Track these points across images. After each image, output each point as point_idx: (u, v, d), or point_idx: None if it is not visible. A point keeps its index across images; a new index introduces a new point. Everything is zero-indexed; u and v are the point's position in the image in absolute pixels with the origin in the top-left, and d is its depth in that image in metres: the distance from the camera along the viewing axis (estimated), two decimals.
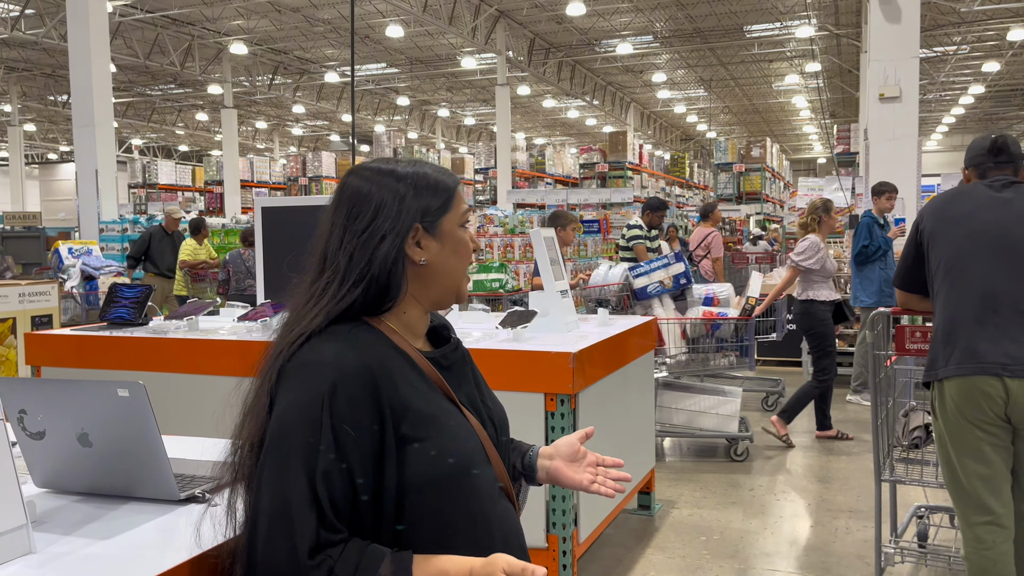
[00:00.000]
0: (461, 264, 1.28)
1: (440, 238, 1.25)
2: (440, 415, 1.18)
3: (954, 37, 19.98)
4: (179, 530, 1.23)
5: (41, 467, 1.35)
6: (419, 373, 1.20)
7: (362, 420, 1.11)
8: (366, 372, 1.13)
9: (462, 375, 1.29)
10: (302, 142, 37.04)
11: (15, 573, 1.07)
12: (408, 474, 1.13)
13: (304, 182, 22.16)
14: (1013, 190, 2.54)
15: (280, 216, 3.87)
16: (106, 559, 1.12)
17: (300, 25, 19.50)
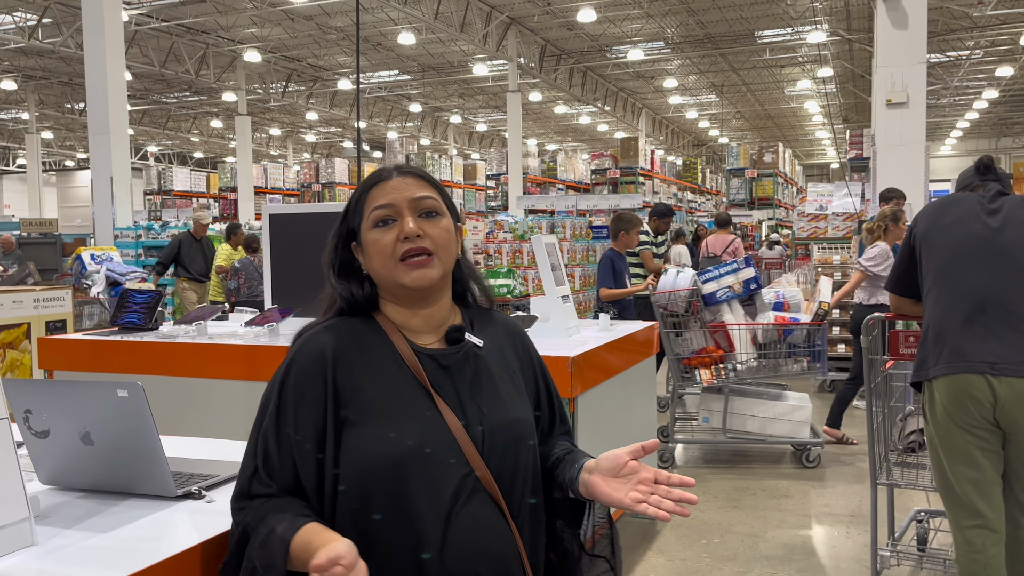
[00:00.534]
0: (382, 264, 1.29)
1: (364, 245, 1.32)
2: (395, 403, 1.25)
3: (967, 42, 19.91)
4: (175, 525, 1.28)
5: (46, 465, 1.41)
6: (398, 363, 1.28)
7: (306, 393, 1.24)
8: (320, 354, 1.26)
9: (460, 376, 1.31)
10: (315, 149, 37.30)
11: (17, 564, 1.13)
12: (344, 451, 1.22)
13: (317, 188, 22.29)
14: (1002, 200, 2.60)
15: (288, 223, 3.94)
16: (104, 551, 1.18)
17: (313, 33, 19.69)
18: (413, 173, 1.35)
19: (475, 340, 1.35)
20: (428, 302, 1.33)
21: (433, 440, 1.24)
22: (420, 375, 1.27)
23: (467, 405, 1.29)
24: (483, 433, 1.27)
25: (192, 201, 25.24)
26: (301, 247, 3.83)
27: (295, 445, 1.23)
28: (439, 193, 1.36)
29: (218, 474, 1.49)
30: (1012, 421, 2.43)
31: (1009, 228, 2.53)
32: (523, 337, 1.45)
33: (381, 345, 1.30)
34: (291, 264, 3.86)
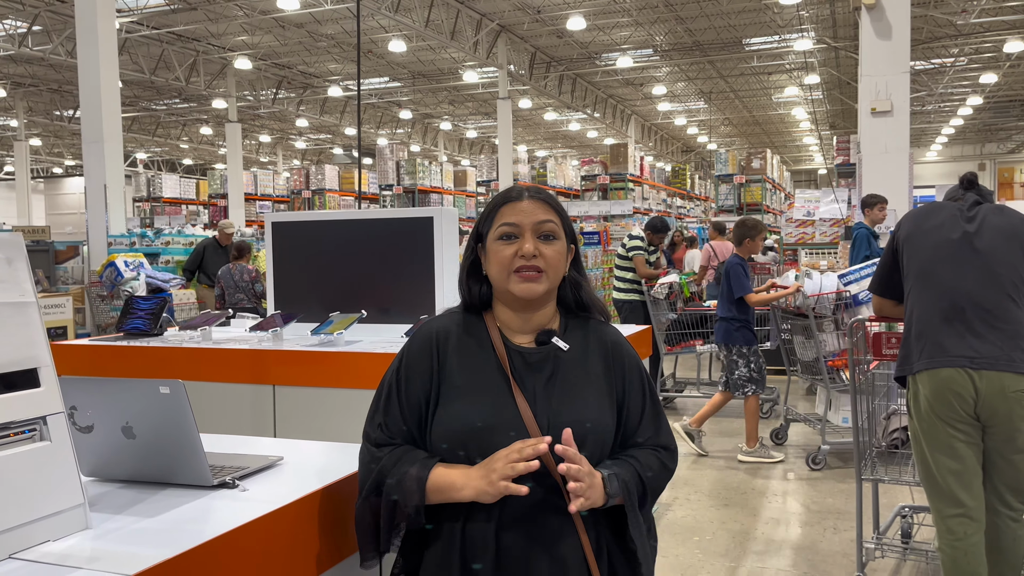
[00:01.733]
0: (498, 272, 1.50)
1: (488, 252, 1.53)
2: (478, 387, 1.47)
3: (951, 49, 20.20)
4: (215, 510, 1.39)
5: (88, 457, 1.51)
6: (489, 355, 1.50)
7: (418, 365, 1.51)
8: (430, 336, 1.53)
9: (540, 372, 1.48)
10: (305, 155, 37.34)
11: (75, 545, 1.23)
12: (435, 420, 1.47)
13: (308, 195, 22.33)
14: (978, 208, 2.76)
15: (290, 230, 4.03)
16: (154, 532, 1.28)
17: (304, 40, 19.78)
18: (540, 198, 1.53)
19: (561, 344, 1.51)
20: (530, 309, 1.52)
21: (505, 421, 1.43)
22: (505, 366, 1.47)
23: (539, 398, 1.46)
24: (548, 424, 1.43)
25: (182, 208, 25.25)
26: (303, 254, 3.94)
27: (407, 406, 1.49)
28: (559, 218, 1.53)
29: (247, 466, 1.59)
30: (992, 414, 2.57)
31: (984, 233, 2.68)
32: (619, 347, 1.57)
33: (482, 338, 1.52)
34: (293, 270, 3.96)
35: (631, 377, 1.55)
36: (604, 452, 1.49)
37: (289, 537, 1.40)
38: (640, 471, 1.48)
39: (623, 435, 1.53)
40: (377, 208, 18.91)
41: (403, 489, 1.41)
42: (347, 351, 3.39)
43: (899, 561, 3.61)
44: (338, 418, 3.31)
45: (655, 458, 1.52)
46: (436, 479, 1.42)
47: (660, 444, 1.55)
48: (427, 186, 20.23)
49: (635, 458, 1.50)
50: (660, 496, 1.57)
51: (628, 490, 1.44)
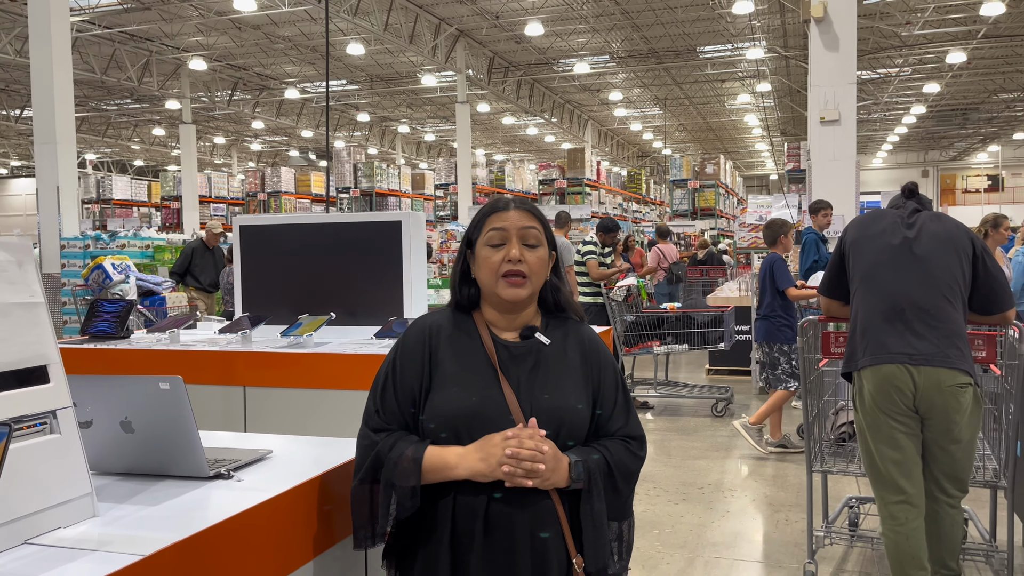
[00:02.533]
0: (487, 277, 1.64)
1: (477, 258, 1.68)
2: (468, 375, 1.61)
3: (896, 59, 20.87)
4: (214, 498, 1.47)
5: (87, 451, 1.57)
6: (478, 347, 1.65)
7: (412, 354, 1.65)
8: (424, 328, 1.68)
9: (524, 363, 1.63)
10: (260, 157, 36.94)
11: (85, 531, 1.30)
12: (427, 405, 1.61)
13: (263, 198, 22.12)
14: (917, 216, 2.96)
15: (259, 233, 4.07)
16: (158, 519, 1.36)
17: (260, 42, 19.63)
18: (525, 208, 1.69)
19: (543, 339, 1.67)
20: (515, 310, 1.67)
21: (492, 406, 1.58)
22: (492, 357, 1.63)
23: (523, 386, 1.61)
24: (531, 409, 1.59)
25: (133, 210, 24.80)
26: (272, 257, 3.99)
27: (401, 392, 1.62)
28: (542, 226, 1.68)
29: (240, 459, 1.67)
30: (929, 407, 2.76)
31: (923, 239, 2.88)
32: (596, 345, 1.72)
33: (471, 333, 1.67)
34: (262, 273, 4.00)
35: (605, 372, 1.70)
36: (579, 438, 1.62)
37: (285, 522, 1.49)
38: (609, 459, 1.61)
39: (596, 424, 1.66)
40: (335, 211, 18.82)
41: (399, 471, 1.54)
42: (316, 352, 3.45)
43: (847, 548, 3.81)
44: (309, 418, 3.38)
45: (624, 447, 1.66)
46: (431, 459, 1.55)
47: (629, 434, 1.68)
48: (385, 189, 20.22)
49: (605, 447, 1.63)
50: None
51: (591, 477, 1.58)
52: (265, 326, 3.87)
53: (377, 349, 3.35)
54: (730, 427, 6.56)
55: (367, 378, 3.43)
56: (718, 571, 3.70)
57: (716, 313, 6.98)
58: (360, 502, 1.57)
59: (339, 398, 3.35)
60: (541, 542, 1.55)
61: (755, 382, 8.02)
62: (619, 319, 7.10)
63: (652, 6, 16.97)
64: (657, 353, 7.01)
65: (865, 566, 3.67)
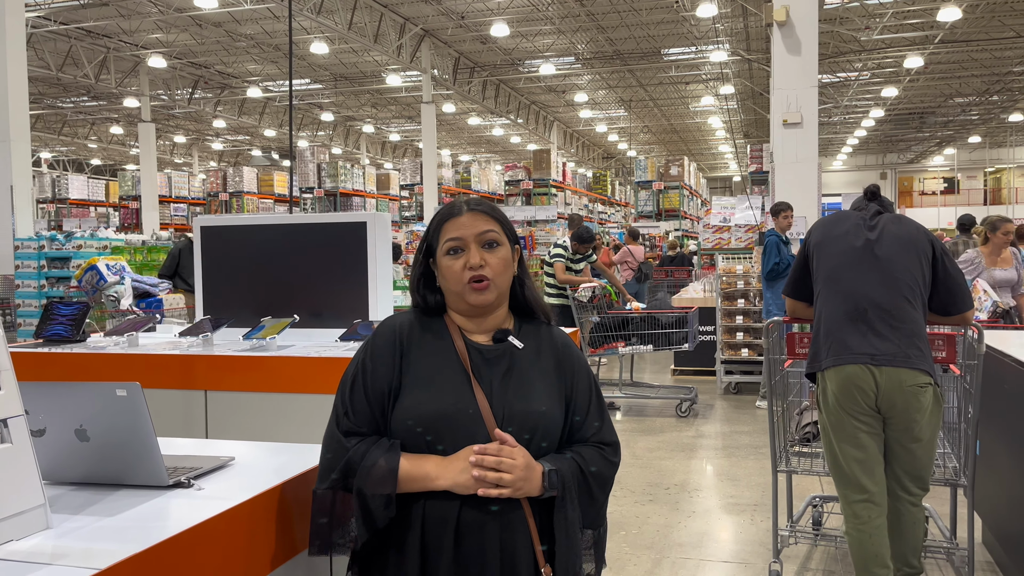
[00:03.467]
0: (452, 286, 1.61)
1: (439, 267, 1.64)
2: (440, 377, 1.58)
3: (856, 64, 21.24)
4: (174, 508, 1.42)
5: (40, 461, 1.52)
6: (449, 349, 1.61)
7: (383, 355, 1.61)
8: (394, 328, 1.64)
9: (497, 367, 1.60)
10: (222, 157, 36.43)
11: (38, 544, 1.25)
12: (396, 407, 1.57)
13: (225, 198, 21.81)
14: (879, 218, 3.00)
15: (220, 234, 4.00)
16: (116, 530, 1.31)
17: (222, 40, 19.35)
18: (480, 209, 1.64)
19: (516, 342, 1.64)
20: (484, 314, 1.64)
21: (464, 410, 1.54)
22: (465, 360, 1.60)
23: (496, 390, 1.58)
24: (504, 411, 1.56)
25: (90, 210, 24.29)
26: (233, 258, 3.92)
27: (371, 393, 1.57)
28: (500, 225, 1.65)
29: (200, 467, 1.63)
30: (891, 406, 2.80)
31: (884, 241, 2.92)
32: (569, 349, 1.69)
33: (442, 335, 1.64)
34: (223, 275, 3.93)
35: (579, 377, 1.67)
36: (552, 443, 1.60)
37: (248, 532, 1.46)
38: (583, 466, 1.59)
39: (570, 429, 1.64)
40: (299, 211, 18.63)
41: (373, 479, 1.49)
42: (280, 356, 3.40)
43: (811, 547, 3.85)
44: (272, 422, 3.32)
45: (598, 453, 1.63)
46: (408, 469, 1.51)
47: (603, 440, 1.66)
48: (349, 189, 20.06)
49: (579, 454, 1.61)
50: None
51: (565, 486, 1.55)
52: (227, 329, 3.79)
53: (342, 352, 3.30)
54: (695, 428, 6.61)
55: (331, 382, 3.37)
56: (685, 571, 3.71)
57: (680, 314, 7.03)
58: (321, 508, 1.52)
59: (303, 402, 3.29)
60: (511, 552, 1.53)
61: (719, 383, 8.10)
62: (584, 320, 7.12)
63: (617, 8, 17.06)
64: (622, 354, 7.04)
65: (829, 564, 3.71)
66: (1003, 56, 20.70)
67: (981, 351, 3.02)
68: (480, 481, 1.48)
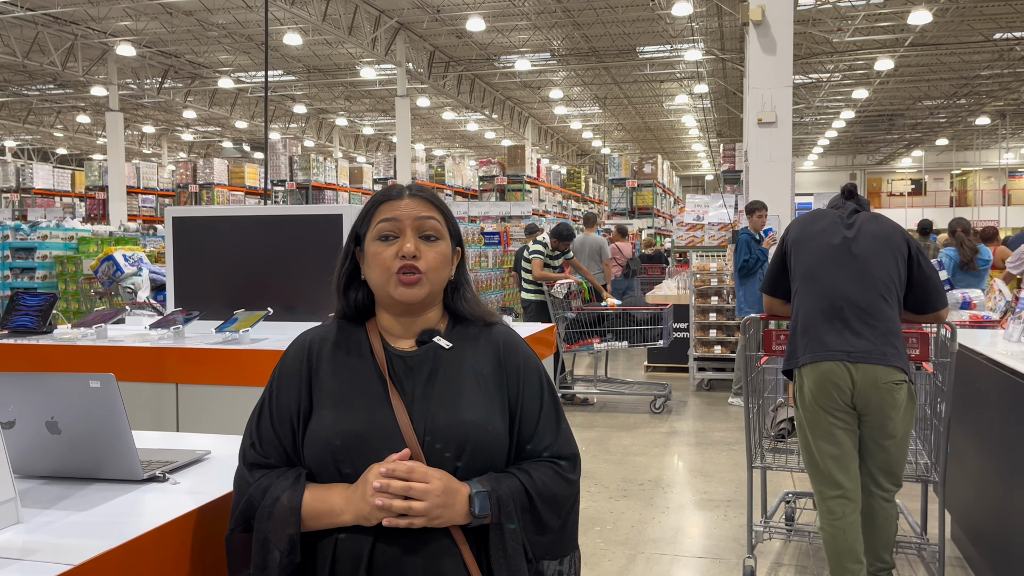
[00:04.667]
0: (378, 276, 1.40)
1: (366, 255, 1.43)
2: (351, 393, 1.37)
3: (827, 65, 21.47)
4: (148, 503, 1.39)
5: (9, 453, 1.47)
6: (368, 360, 1.42)
7: (289, 375, 1.43)
8: (304, 345, 1.45)
9: (420, 374, 1.39)
10: (192, 148, 35.95)
11: (8, 539, 1.21)
12: (307, 432, 1.38)
13: (195, 189, 21.51)
14: (856, 216, 3.02)
15: (192, 226, 3.94)
16: (88, 525, 1.27)
17: (193, 29, 19.06)
18: (422, 196, 1.43)
19: (442, 343, 1.42)
20: (413, 314, 1.43)
21: (378, 429, 1.33)
22: (384, 371, 1.38)
23: (417, 401, 1.36)
24: (425, 428, 1.33)
25: (55, 200, 23.84)
26: (205, 250, 3.86)
27: (278, 419, 1.40)
28: (443, 217, 1.43)
29: (176, 460, 1.59)
30: (866, 403, 2.83)
31: (861, 240, 2.94)
32: (513, 347, 1.46)
33: (360, 344, 1.43)
34: (195, 267, 3.87)
35: (527, 379, 1.43)
36: (493, 460, 1.36)
37: (223, 528, 1.42)
38: (529, 485, 1.35)
39: (518, 443, 1.40)
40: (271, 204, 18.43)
41: (275, 520, 1.29)
42: (253, 349, 3.36)
43: (784, 542, 3.88)
44: (245, 416, 3.26)
45: (552, 470, 1.39)
46: (312, 504, 1.31)
47: (559, 454, 1.41)
48: (321, 182, 19.89)
49: (526, 472, 1.37)
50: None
51: (501, 510, 1.30)
52: (199, 321, 3.73)
53: None
54: (668, 424, 6.64)
55: None
56: (659, 567, 3.72)
57: (655, 311, 7.06)
58: (233, 554, 1.33)
59: None
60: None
61: (692, 379, 8.14)
62: (559, 316, 7.12)
63: (593, 5, 17.07)
64: (597, 350, 7.05)
65: (801, 559, 3.74)
66: (971, 60, 21.05)
67: (954, 349, 3.05)
68: (384, 511, 1.25)
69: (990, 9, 16.89)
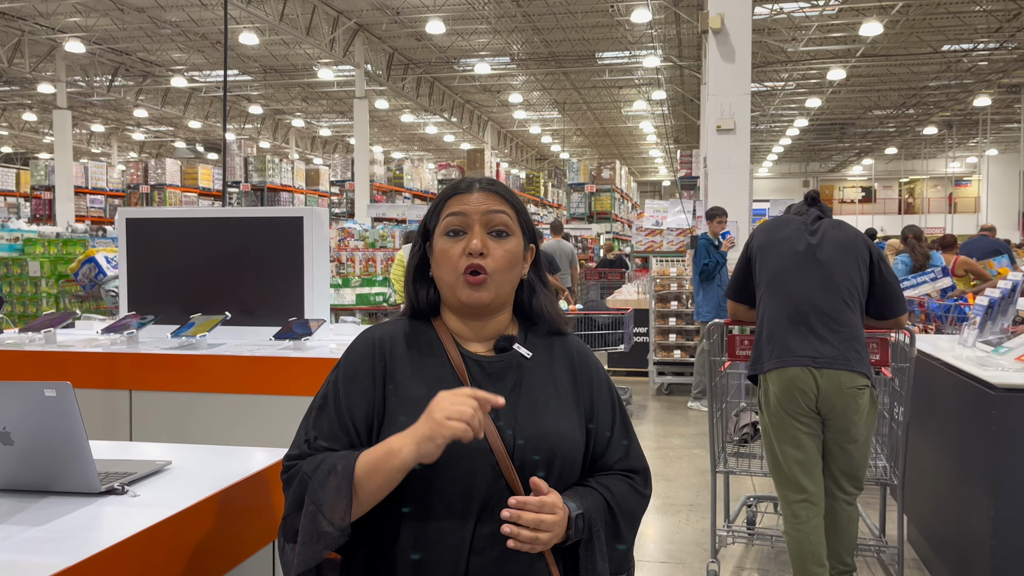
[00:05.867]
0: (445, 274, 1.33)
1: (434, 251, 1.36)
2: (430, 397, 1.23)
3: (782, 74, 21.86)
4: (107, 517, 1.32)
5: None
6: (444, 363, 1.34)
7: (359, 376, 1.33)
8: (372, 342, 1.36)
9: (502, 383, 1.32)
10: (143, 148, 35.19)
11: None
12: (381, 438, 1.27)
13: (146, 190, 21.04)
14: (819, 223, 3.06)
15: (146, 227, 3.83)
16: (46, 541, 1.21)
17: (145, 26, 18.67)
18: (493, 189, 1.37)
19: (523, 351, 1.35)
20: (481, 317, 1.36)
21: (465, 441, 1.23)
22: (463, 377, 1.31)
23: (503, 411, 1.27)
24: (514, 439, 1.27)
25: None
26: (161, 252, 3.75)
27: (348, 420, 1.30)
28: (515, 212, 1.37)
29: (135, 472, 1.53)
30: (830, 408, 2.86)
31: (825, 246, 2.98)
32: (586, 358, 1.42)
33: (433, 345, 1.36)
34: (149, 270, 3.77)
35: (600, 391, 1.40)
36: (574, 475, 1.33)
37: (189, 541, 1.37)
38: (611, 502, 1.32)
39: (592, 456, 1.37)
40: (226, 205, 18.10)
41: (328, 489, 1.20)
42: (210, 354, 3.27)
43: (746, 546, 3.90)
44: (202, 424, 3.19)
45: (627, 485, 1.37)
46: (366, 457, 1.22)
47: (631, 468, 1.39)
48: (277, 184, 19.61)
49: (606, 487, 1.34)
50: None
51: (592, 531, 1.28)
52: (154, 326, 3.63)
53: (276, 351, 3.20)
54: None
55: (264, 381, 3.27)
56: None
57: (616, 315, 7.08)
58: (286, 535, 1.24)
59: (235, 403, 3.18)
60: None
61: (652, 384, 8.19)
62: None
63: (553, 11, 17.14)
64: None
65: (763, 563, 3.77)
66: (920, 71, 21.61)
67: (913, 354, 3.10)
68: (514, 537, 1.20)
69: (939, 22, 17.36)
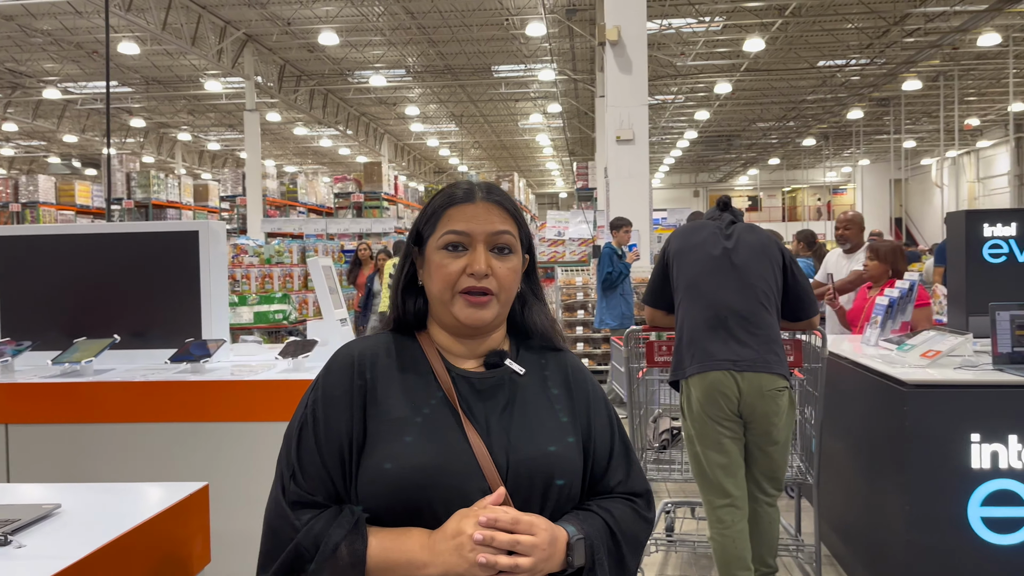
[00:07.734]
0: (440, 290, 1.24)
1: (428, 262, 1.27)
2: (419, 420, 1.19)
3: (672, 88, 22.55)
4: None
5: None
6: (429, 380, 1.25)
7: (337, 395, 1.23)
8: (351, 359, 1.25)
9: (493, 401, 1.24)
10: (13, 163, 33.06)
11: None
12: (363, 465, 1.19)
13: (16, 208, 19.70)
14: (733, 227, 3.09)
15: (19, 245, 3.52)
16: None
17: (14, 35, 17.54)
18: (499, 201, 1.27)
19: (515, 367, 1.27)
20: (475, 336, 1.28)
21: (455, 462, 1.17)
22: (451, 395, 1.22)
23: (494, 431, 1.21)
24: (507, 461, 1.19)
25: None
26: (37, 272, 3.45)
27: (326, 448, 1.20)
28: (517, 227, 1.29)
29: (19, 518, 1.33)
30: (751, 411, 2.87)
31: (740, 250, 3.00)
32: (581, 374, 1.35)
33: (417, 361, 1.27)
34: (25, 292, 3.46)
35: (596, 408, 1.32)
36: (572, 497, 1.25)
37: None
38: (613, 527, 1.24)
39: (591, 479, 1.29)
40: (105, 222, 17.16)
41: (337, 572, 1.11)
42: (97, 381, 3.02)
43: (666, 553, 3.89)
44: (90, 460, 2.93)
45: (630, 509, 1.29)
46: (383, 555, 1.13)
47: (633, 491, 1.31)
48: (163, 200, 18.75)
49: (608, 511, 1.26)
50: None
51: (595, 557, 1.20)
52: (31, 352, 3.32)
53: (172, 375, 2.97)
54: None
55: (160, 409, 3.03)
56: None
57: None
58: None
59: (127, 433, 2.93)
60: None
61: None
62: None
63: (448, 23, 17.10)
64: None
65: (684, 569, 3.77)
66: (798, 85, 22.72)
67: (825, 355, 3.16)
68: (488, 569, 1.09)
69: (815, 39, 18.29)
